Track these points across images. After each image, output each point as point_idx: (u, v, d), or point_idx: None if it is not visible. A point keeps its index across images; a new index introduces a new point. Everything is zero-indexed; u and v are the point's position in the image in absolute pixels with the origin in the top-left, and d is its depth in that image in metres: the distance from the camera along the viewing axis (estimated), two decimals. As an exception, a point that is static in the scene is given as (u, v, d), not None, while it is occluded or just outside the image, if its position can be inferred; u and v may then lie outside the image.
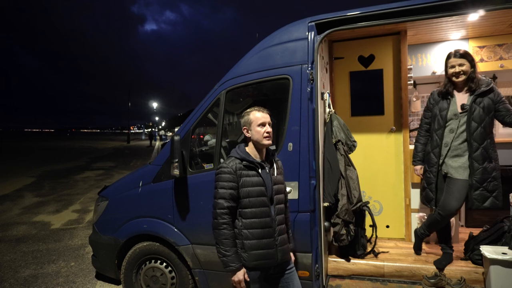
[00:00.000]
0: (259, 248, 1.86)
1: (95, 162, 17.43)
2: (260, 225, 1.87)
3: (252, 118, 1.97)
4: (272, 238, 1.89)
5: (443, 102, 2.68)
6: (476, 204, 2.52)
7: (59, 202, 7.76)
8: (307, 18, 2.57)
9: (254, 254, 1.86)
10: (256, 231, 1.87)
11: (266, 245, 1.88)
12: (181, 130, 2.86)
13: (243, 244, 1.87)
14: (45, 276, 3.85)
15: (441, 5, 2.23)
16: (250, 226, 1.87)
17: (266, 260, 1.88)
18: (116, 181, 3.56)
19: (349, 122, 3.38)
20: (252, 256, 1.86)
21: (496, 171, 2.52)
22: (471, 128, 2.52)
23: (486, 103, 2.51)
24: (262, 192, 1.90)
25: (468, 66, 2.55)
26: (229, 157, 1.96)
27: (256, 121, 1.95)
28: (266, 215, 1.89)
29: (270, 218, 1.90)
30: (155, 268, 2.97)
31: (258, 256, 1.86)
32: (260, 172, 1.93)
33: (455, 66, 2.59)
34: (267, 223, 1.89)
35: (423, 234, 2.88)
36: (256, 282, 1.91)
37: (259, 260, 1.87)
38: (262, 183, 1.91)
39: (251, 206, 1.88)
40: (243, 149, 1.98)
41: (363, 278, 2.76)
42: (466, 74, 2.56)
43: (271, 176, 1.98)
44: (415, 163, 2.92)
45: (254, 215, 1.87)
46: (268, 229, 1.89)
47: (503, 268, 2.29)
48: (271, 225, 1.90)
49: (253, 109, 2.00)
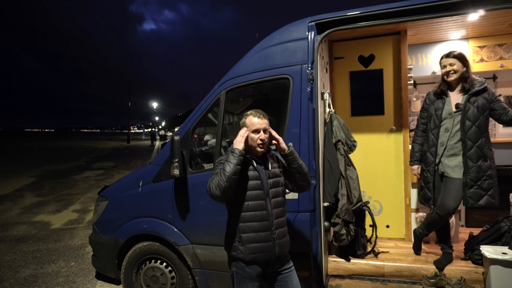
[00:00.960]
0: (256, 241, 1.87)
1: (95, 162, 17.43)
2: (256, 218, 1.88)
3: (248, 123, 1.95)
4: (269, 231, 1.89)
5: (438, 102, 2.73)
6: (470, 202, 2.54)
7: (59, 202, 7.76)
8: (307, 18, 2.57)
9: (251, 247, 1.87)
10: (253, 224, 1.88)
11: (263, 238, 1.88)
12: (181, 130, 2.86)
13: (241, 238, 1.88)
14: (45, 276, 3.85)
15: (441, 5, 2.23)
16: (246, 219, 1.88)
17: (263, 253, 1.88)
18: (116, 181, 3.56)
19: (349, 122, 3.38)
20: (250, 249, 1.87)
21: (491, 169, 2.53)
22: (465, 127, 2.55)
23: (480, 102, 2.54)
24: (258, 186, 1.91)
25: (459, 66, 2.61)
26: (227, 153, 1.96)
27: (251, 126, 1.93)
28: (263, 208, 1.90)
29: (266, 212, 1.90)
30: (155, 268, 2.97)
31: (256, 249, 1.87)
32: (256, 166, 1.94)
33: (446, 66, 2.66)
34: (264, 216, 1.89)
35: (422, 233, 2.89)
36: (255, 280, 1.91)
37: (257, 253, 1.87)
38: (258, 176, 1.92)
39: (248, 199, 1.89)
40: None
41: (363, 278, 2.76)
42: (457, 73, 2.61)
43: (266, 170, 1.97)
44: (412, 163, 2.94)
45: (250, 209, 1.88)
46: (265, 222, 1.89)
47: (503, 268, 2.29)
48: (267, 218, 1.90)
49: (252, 113, 1.98)
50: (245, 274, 1.90)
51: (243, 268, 1.90)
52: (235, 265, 1.94)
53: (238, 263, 1.93)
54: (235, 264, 1.94)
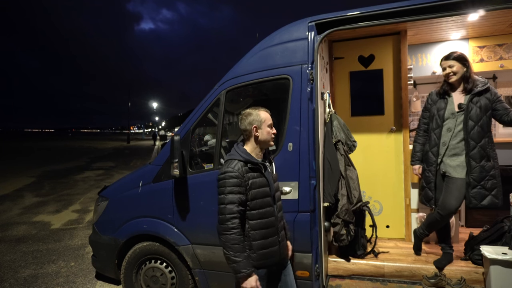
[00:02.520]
0: (266, 247, 1.88)
1: (95, 162, 17.43)
2: (266, 225, 1.88)
3: (264, 117, 1.95)
4: (276, 236, 1.92)
5: (441, 102, 2.73)
6: (473, 202, 2.53)
7: (59, 202, 7.76)
8: (307, 18, 2.57)
9: (262, 253, 1.87)
10: (262, 231, 1.87)
11: (271, 243, 1.90)
12: (181, 130, 2.86)
13: (251, 245, 1.86)
14: (45, 276, 3.85)
15: (441, 5, 2.23)
16: (257, 227, 1.86)
17: (271, 258, 1.91)
18: (116, 181, 3.56)
19: (349, 122, 3.38)
20: (260, 255, 1.87)
21: (494, 169, 2.53)
22: (468, 127, 2.55)
23: (483, 102, 2.54)
24: (267, 193, 1.90)
25: (459, 67, 2.61)
26: (231, 160, 1.88)
27: (267, 121, 1.95)
28: (271, 215, 1.90)
29: (274, 218, 1.92)
30: (155, 268, 2.97)
31: (266, 254, 1.88)
32: (264, 173, 1.93)
33: (446, 68, 2.67)
34: (272, 222, 1.90)
35: (422, 234, 2.89)
36: (263, 279, 1.92)
37: (266, 259, 1.89)
38: (267, 183, 1.91)
39: (258, 207, 1.87)
40: (243, 149, 1.93)
41: (363, 278, 2.76)
42: (457, 75, 2.62)
43: (271, 174, 2.00)
44: (413, 162, 2.94)
45: (260, 216, 1.87)
46: (272, 228, 1.91)
47: (503, 268, 2.29)
48: (275, 224, 1.92)
49: (261, 108, 1.99)
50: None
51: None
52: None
53: None
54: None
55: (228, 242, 1.78)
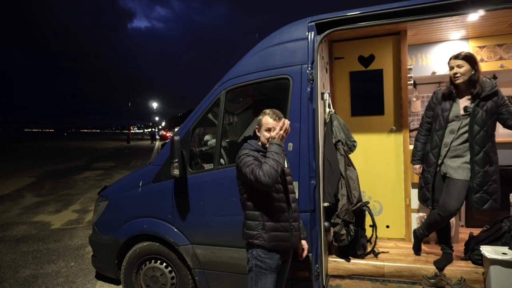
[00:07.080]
0: (278, 230, 1.96)
1: (95, 162, 17.42)
2: (278, 210, 1.99)
3: (263, 121, 2.05)
4: (288, 222, 2.02)
5: (446, 103, 2.67)
6: (475, 206, 2.55)
7: (59, 202, 7.76)
8: (307, 18, 2.57)
9: (273, 235, 1.95)
10: (275, 214, 1.97)
11: (283, 227, 1.99)
12: (181, 130, 2.86)
13: (264, 225, 1.96)
14: (45, 276, 3.85)
15: (441, 5, 2.23)
16: (270, 210, 1.97)
17: (283, 242, 1.98)
18: (116, 181, 3.56)
19: (349, 122, 3.38)
20: (272, 237, 1.94)
21: (496, 174, 2.53)
22: (474, 131, 2.51)
23: (489, 106, 2.50)
24: (279, 180, 2.01)
25: (468, 68, 2.53)
26: (244, 149, 2.03)
27: (265, 125, 2.04)
28: (283, 201, 2.02)
29: (285, 204, 2.03)
30: (155, 268, 2.97)
31: (277, 237, 1.96)
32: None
33: (453, 67, 2.59)
34: (283, 208, 2.01)
35: (422, 234, 2.88)
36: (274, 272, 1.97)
37: (277, 242, 1.96)
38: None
39: (274, 191, 1.98)
40: (255, 142, 2.08)
41: (363, 278, 2.76)
42: (465, 76, 2.54)
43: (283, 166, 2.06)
44: (414, 162, 2.93)
45: (275, 200, 1.98)
46: (285, 214, 2.01)
47: (503, 268, 2.29)
48: (286, 210, 2.03)
49: (269, 112, 2.06)
50: (266, 266, 1.95)
51: (263, 259, 1.95)
52: (255, 257, 1.97)
53: (258, 254, 1.96)
54: (255, 256, 1.97)
55: (271, 166, 1.84)
